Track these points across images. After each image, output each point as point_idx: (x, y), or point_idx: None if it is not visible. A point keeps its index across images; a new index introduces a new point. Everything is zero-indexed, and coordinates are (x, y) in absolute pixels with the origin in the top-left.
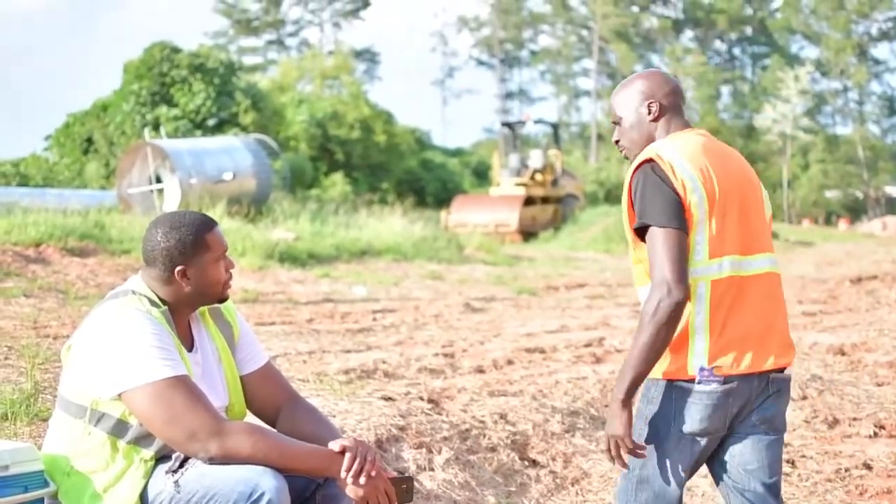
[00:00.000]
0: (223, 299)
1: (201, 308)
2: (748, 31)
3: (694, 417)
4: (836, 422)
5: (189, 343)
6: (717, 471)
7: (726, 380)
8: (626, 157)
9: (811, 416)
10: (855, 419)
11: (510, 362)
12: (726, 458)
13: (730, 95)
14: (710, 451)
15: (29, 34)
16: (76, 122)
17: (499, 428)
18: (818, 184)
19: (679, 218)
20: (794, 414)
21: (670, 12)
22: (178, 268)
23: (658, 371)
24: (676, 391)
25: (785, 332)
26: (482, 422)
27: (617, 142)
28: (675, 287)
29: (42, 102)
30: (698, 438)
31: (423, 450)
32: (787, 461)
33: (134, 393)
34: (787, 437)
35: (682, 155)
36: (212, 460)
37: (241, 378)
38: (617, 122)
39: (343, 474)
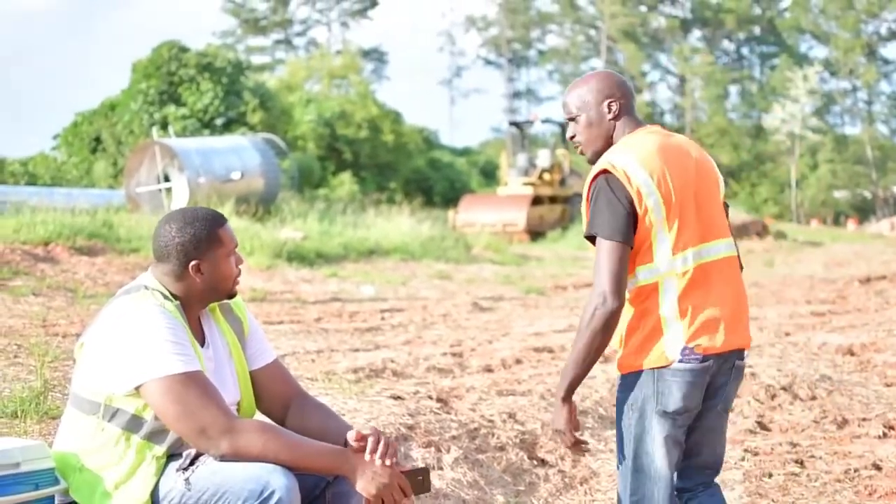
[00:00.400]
0: (232, 295)
1: (211, 304)
2: (756, 30)
3: (676, 396)
4: (845, 422)
5: (200, 338)
6: None
7: (704, 358)
8: (582, 154)
9: (820, 416)
10: (864, 419)
11: (518, 361)
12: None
13: (738, 95)
14: (686, 429)
15: (35, 33)
16: (84, 121)
17: (507, 427)
18: (827, 184)
19: (624, 232)
20: (802, 414)
21: (678, 12)
22: (193, 262)
23: (636, 362)
24: (657, 375)
25: (746, 313)
26: (491, 421)
27: (572, 137)
28: (610, 297)
29: (50, 102)
30: (679, 417)
31: (432, 448)
32: (796, 461)
33: (147, 387)
34: (795, 438)
35: (637, 160)
36: (223, 457)
37: (251, 374)
38: (572, 119)
39: (368, 457)
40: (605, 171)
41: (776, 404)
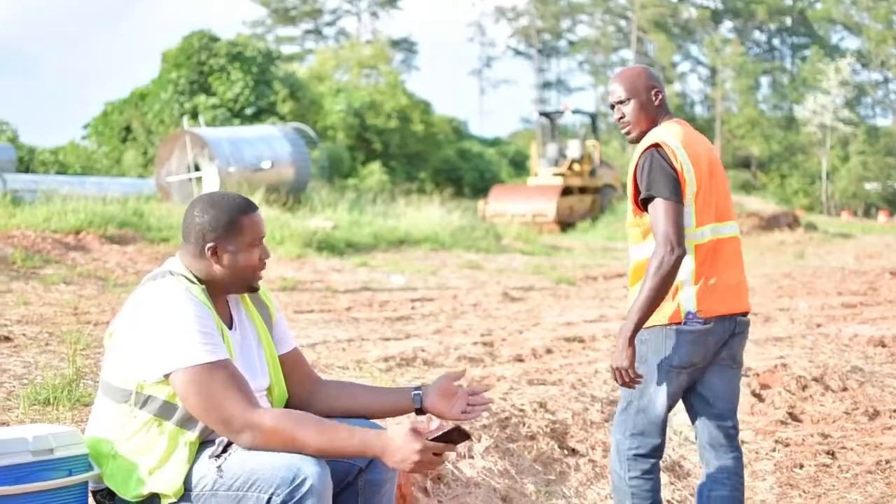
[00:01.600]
0: (254, 289)
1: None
2: (788, 21)
3: (681, 353)
4: (876, 413)
5: (228, 321)
6: (694, 401)
7: (706, 321)
8: (628, 134)
9: (851, 407)
10: (895, 411)
11: (549, 351)
12: (700, 388)
13: (769, 86)
14: (690, 383)
15: (66, 23)
16: (114, 110)
17: (538, 416)
18: (857, 175)
19: (678, 193)
20: (834, 405)
21: (709, 2)
22: (209, 245)
23: (655, 319)
24: (668, 333)
25: (746, 283)
26: (522, 410)
27: (620, 118)
28: (677, 246)
29: (80, 91)
30: (683, 371)
31: None
32: (828, 452)
33: (174, 377)
34: (827, 429)
35: (679, 142)
36: (249, 448)
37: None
38: (621, 102)
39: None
40: (657, 145)
41: (807, 395)
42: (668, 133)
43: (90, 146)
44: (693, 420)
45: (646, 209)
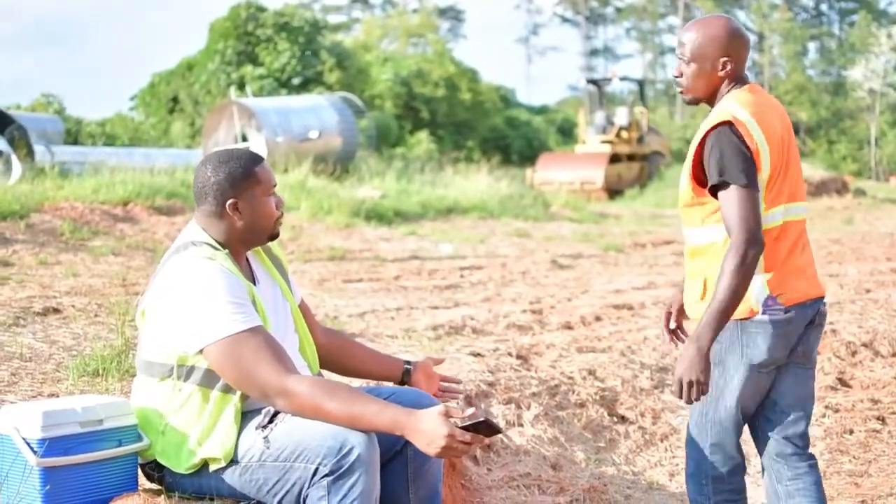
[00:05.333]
0: (275, 235)
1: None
2: None
3: (762, 348)
4: None
5: (252, 278)
6: (763, 408)
7: (787, 309)
8: (681, 93)
9: None
10: None
11: (598, 319)
12: (772, 393)
13: (816, 52)
14: (770, 385)
15: None
16: (161, 81)
17: (587, 384)
18: None
19: (754, 178)
20: (883, 371)
21: None
22: (230, 201)
23: None
24: (742, 327)
25: (815, 266)
26: (571, 378)
27: (679, 75)
28: (757, 240)
29: (128, 62)
30: (764, 370)
31: (513, 405)
32: (878, 418)
33: (209, 350)
34: (876, 394)
35: (754, 117)
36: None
37: None
38: (684, 59)
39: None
40: (727, 122)
41: (857, 361)
42: (740, 107)
43: (137, 117)
44: (757, 430)
45: (714, 195)
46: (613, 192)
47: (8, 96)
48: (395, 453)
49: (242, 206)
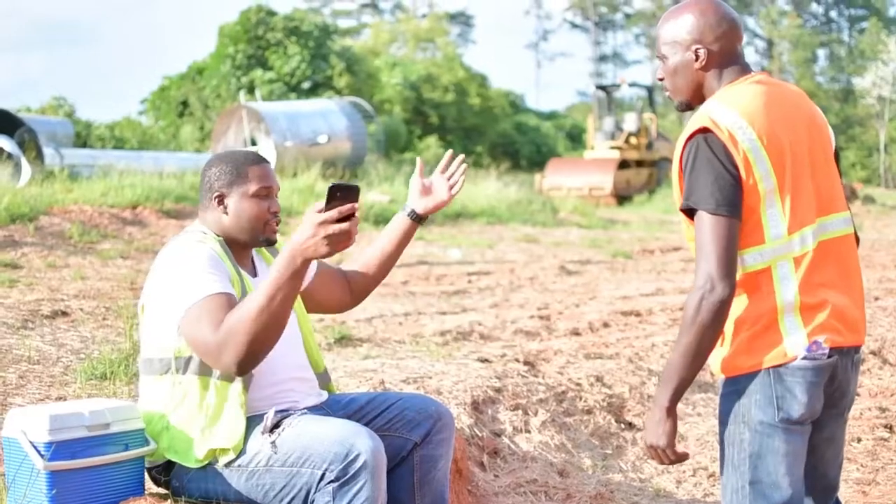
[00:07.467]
0: (270, 241)
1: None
2: None
3: (801, 400)
4: None
5: (252, 271)
6: None
7: (830, 353)
8: (670, 99)
9: None
10: None
11: (606, 325)
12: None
13: (826, 59)
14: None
15: None
16: (171, 85)
17: (595, 390)
18: None
19: (731, 203)
20: (892, 379)
21: None
22: (216, 194)
23: (748, 363)
24: (775, 377)
25: (863, 301)
26: (578, 384)
27: (661, 79)
28: (719, 283)
29: (137, 66)
30: (803, 425)
31: (520, 412)
32: (886, 426)
33: (181, 325)
34: (884, 402)
35: (742, 117)
36: (240, 370)
37: (310, 289)
38: (660, 58)
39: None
40: (704, 130)
41: (865, 369)
42: (724, 107)
43: (147, 121)
44: None
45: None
46: (622, 198)
47: (18, 98)
48: (402, 459)
49: (228, 201)
